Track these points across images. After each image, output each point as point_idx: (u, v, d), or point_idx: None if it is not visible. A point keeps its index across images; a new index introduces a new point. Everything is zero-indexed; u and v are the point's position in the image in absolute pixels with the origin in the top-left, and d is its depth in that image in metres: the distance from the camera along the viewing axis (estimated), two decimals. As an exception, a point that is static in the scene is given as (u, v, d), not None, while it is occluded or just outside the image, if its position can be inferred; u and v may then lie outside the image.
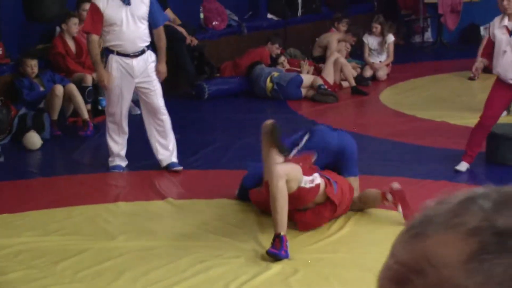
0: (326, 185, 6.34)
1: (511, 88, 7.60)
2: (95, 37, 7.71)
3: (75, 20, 9.93)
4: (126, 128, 7.92)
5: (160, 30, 7.90)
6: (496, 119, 7.77)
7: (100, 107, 9.79)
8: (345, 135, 6.99)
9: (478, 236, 0.87)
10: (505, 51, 7.52)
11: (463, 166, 7.80)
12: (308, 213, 6.38)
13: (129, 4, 7.57)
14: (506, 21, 7.55)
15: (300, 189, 6.14)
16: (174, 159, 7.93)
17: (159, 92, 7.84)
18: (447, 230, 0.89)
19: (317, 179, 6.29)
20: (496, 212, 0.88)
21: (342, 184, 6.53)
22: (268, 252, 5.84)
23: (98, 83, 8.32)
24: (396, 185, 6.48)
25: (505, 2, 7.41)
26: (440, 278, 0.87)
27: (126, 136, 7.97)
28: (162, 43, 7.90)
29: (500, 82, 7.69)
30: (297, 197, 6.15)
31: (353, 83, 11.61)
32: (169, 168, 7.89)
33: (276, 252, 5.80)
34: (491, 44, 7.73)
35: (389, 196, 6.44)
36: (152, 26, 7.80)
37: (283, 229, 5.91)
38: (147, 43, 7.78)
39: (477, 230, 0.88)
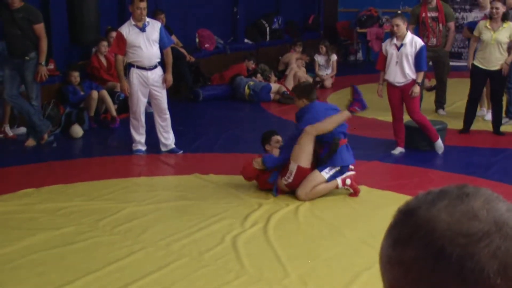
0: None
1: (399, 89, 7.72)
2: (120, 57, 7.74)
3: (104, 43, 9.88)
4: (143, 122, 7.94)
5: (168, 50, 7.92)
6: (399, 111, 7.85)
7: (120, 98, 9.69)
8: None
9: (396, 215, 0.91)
10: (396, 62, 7.64)
11: (397, 150, 7.89)
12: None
13: (145, 31, 7.63)
14: (395, 41, 7.67)
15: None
16: (174, 145, 7.97)
17: (165, 97, 7.88)
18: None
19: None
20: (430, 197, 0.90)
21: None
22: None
23: (121, 91, 8.40)
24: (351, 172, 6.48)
25: (395, 28, 7.54)
26: (381, 244, 0.92)
27: (144, 128, 7.97)
28: (169, 59, 7.91)
29: (390, 85, 7.81)
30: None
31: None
32: (172, 152, 7.91)
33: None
34: (384, 57, 7.84)
35: (348, 181, 6.44)
36: (161, 47, 7.82)
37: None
38: (158, 60, 7.81)
39: (399, 210, 0.91)
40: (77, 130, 8.86)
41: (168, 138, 7.96)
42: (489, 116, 9.15)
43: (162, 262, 4.92)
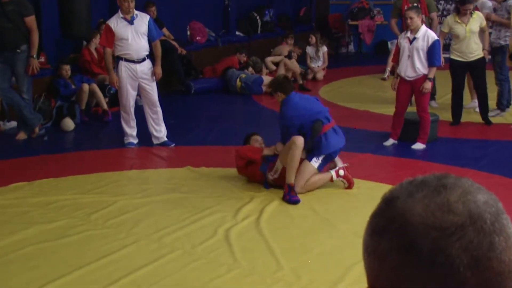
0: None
1: (410, 84, 7.69)
2: (108, 50, 7.71)
3: (96, 36, 9.85)
4: (133, 115, 7.91)
5: (157, 43, 7.88)
6: (403, 106, 7.84)
7: (111, 91, 9.69)
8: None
9: (382, 201, 0.92)
10: (408, 56, 7.61)
11: (389, 142, 7.89)
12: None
13: (133, 24, 7.61)
14: (408, 34, 7.65)
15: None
16: (165, 138, 7.94)
17: (155, 90, 7.84)
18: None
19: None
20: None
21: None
22: (287, 201, 5.98)
23: (110, 84, 8.39)
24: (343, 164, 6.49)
25: (408, 21, 7.51)
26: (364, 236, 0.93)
27: (135, 121, 7.94)
28: (158, 52, 7.87)
29: (401, 79, 7.77)
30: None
31: (301, 81, 11.64)
32: (164, 145, 7.88)
33: (295, 198, 5.98)
34: (398, 50, 7.83)
35: (341, 172, 6.44)
36: (150, 40, 7.79)
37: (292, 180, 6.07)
38: (147, 53, 7.78)
39: (383, 198, 0.92)
40: (69, 124, 8.83)
41: (160, 131, 7.93)
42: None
43: (155, 255, 4.90)
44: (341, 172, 6.41)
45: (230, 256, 4.89)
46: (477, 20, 8.54)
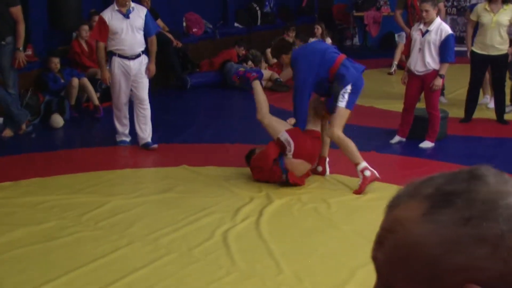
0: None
1: (419, 79, 7.72)
2: (101, 44, 7.66)
3: (85, 27, 9.86)
4: (126, 113, 7.91)
5: (153, 38, 7.85)
6: (412, 102, 7.87)
7: (103, 86, 9.75)
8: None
9: (430, 198, 0.92)
10: (419, 49, 7.62)
11: (395, 139, 7.91)
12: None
13: (128, 18, 7.57)
14: (421, 26, 7.68)
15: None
16: (149, 139, 7.78)
17: (146, 86, 7.80)
18: (410, 199, 0.94)
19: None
20: (446, 183, 0.93)
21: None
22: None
23: (102, 81, 8.35)
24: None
25: (424, 14, 7.53)
26: (405, 231, 0.91)
27: (127, 118, 7.94)
28: (154, 48, 7.85)
29: (411, 74, 7.79)
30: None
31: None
32: (146, 146, 7.73)
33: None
34: (410, 42, 7.85)
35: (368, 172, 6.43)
36: (146, 35, 7.75)
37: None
38: (142, 49, 7.75)
39: (430, 195, 0.92)
40: (58, 120, 8.86)
41: (144, 130, 7.79)
42: (492, 104, 9.17)
43: (150, 258, 4.94)
44: (367, 173, 6.38)
45: (228, 259, 4.94)
46: (508, 13, 8.49)
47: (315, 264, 4.90)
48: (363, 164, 6.34)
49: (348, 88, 6.34)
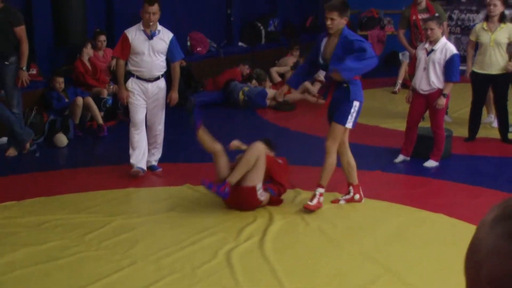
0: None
1: (424, 98, 7.72)
2: (121, 62, 7.44)
3: (89, 46, 9.92)
4: (144, 132, 7.57)
5: (176, 65, 7.60)
6: (415, 121, 7.86)
7: (107, 105, 9.78)
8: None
9: (500, 206, 0.98)
10: (424, 68, 7.63)
11: (399, 158, 7.89)
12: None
13: (151, 39, 7.33)
14: (426, 45, 7.69)
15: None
16: (155, 163, 7.70)
17: (162, 117, 7.60)
18: (489, 213, 1.00)
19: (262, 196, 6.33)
20: None
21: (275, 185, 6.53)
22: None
23: (118, 99, 8.02)
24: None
25: (429, 32, 7.54)
26: (478, 237, 0.99)
27: (146, 140, 7.58)
28: (177, 74, 7.63)
29: (415, 92, 7.79)
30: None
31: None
32: (150, 169, 7.63)
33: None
34: (415, 61, 7.85)
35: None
36: (169, 61, 7.54)
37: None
38: (162, 72, 7.52)
39: (501, 204, 0.99)
40: (62, 139, 8.87)
41: (153, 154, 7.67)
42: (496, 123, 9.17)
43: (153, 278, 4.92)
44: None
45: (232, 279, 4.91)
46: (505, 31, 8.51)
47: (319, 284, 4.87)
48: (323, 190, 6.38)
49: (357, 105, 6.28)
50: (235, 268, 5.08)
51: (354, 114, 6.29)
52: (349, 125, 6.29)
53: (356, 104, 6.25)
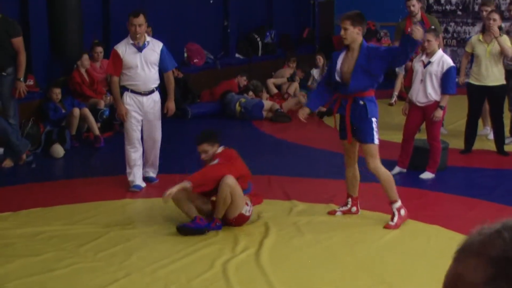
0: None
1: (421, 110, 7.74)
2: (115, 79, 7.38)
3: (86, 57, 9.95)
4: (141, 150, 7.52)
5: (169, 74, 7.55)
6: (411, 133, 7.88)
7: (104, 116, 9.79)
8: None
9: (495, 265, 0.92)
10: (421, 80, 7.65)
11: (395, 170, 7.88)
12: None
13: (142, 52, 7.27)
14: (423, 57, 7.71)
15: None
16: (153, 174, 7.71)
17: (159, 128, 7.54)
18: (475, 257, 0.94)
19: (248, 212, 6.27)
20: None
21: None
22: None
23: (117, 116, 7.94)
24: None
25: (426, 44, 7.57)
26: (458, 271, 0.94)
27: (141, 158, 7.56)
28: (171, 84, 7.57)
29: (412, 104, 7.81)
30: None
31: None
32: (147, 180, 7.61)
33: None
34: (412, 73, 7.88)
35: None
36: (162, 71, 7.48)
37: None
38: (156, 85, 7.46)
39: (496, 260, 0.92)
40: (58, 150, 8.87)
41: (150, 166, 7.66)
42: (492, 135, 9.17)
43: (148, 290, 4.91)
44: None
45: (227, 291, 4.90)
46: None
47: (314, 296, 4.87)
48: (399, 203, 6.31)
49: (375, 121, 6.29)
50: (231, 280, 5.07)
51: (376, 129, 6.29)
52: (377, 141, 6.28)
53: (374, 120, 6.25)
